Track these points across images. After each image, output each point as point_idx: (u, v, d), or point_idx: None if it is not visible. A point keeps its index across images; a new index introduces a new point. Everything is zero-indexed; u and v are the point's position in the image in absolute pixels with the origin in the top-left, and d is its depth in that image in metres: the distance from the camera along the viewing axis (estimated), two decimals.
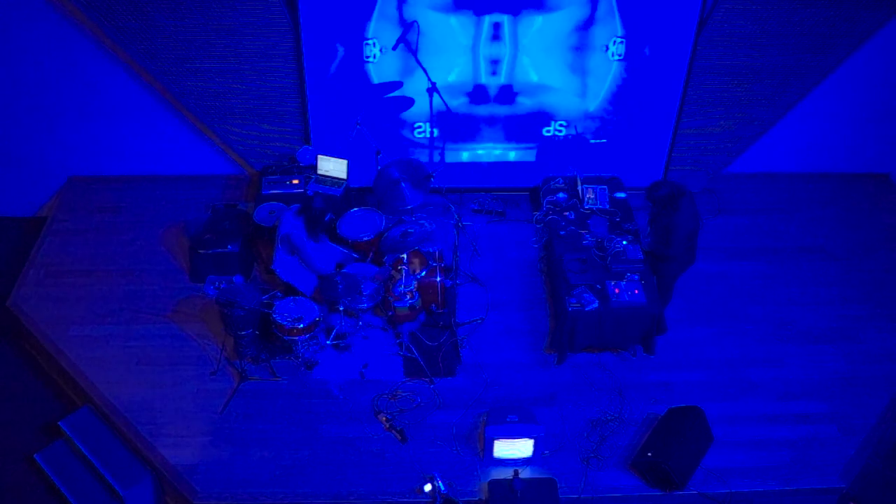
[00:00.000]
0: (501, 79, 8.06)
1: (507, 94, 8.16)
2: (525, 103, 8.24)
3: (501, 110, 8.28)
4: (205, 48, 7.74)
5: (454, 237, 7.50)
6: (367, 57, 7.86)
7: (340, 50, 7.83)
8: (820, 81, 8.24)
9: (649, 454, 6.28)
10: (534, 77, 8.05)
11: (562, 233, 7.73)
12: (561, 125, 8.38)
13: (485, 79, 8.04)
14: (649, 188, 6.88)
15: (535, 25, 7.71)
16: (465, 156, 8.58)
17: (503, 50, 7.85)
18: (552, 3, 7.61)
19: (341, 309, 6.94)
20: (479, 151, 8.56)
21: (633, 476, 6.40)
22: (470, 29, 7.71)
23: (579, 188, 8.18)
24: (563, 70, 8.02)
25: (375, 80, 8.00)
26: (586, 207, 8.02)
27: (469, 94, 8.13)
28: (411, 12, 7.58)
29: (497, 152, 8.59)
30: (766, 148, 8.91)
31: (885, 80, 8.50)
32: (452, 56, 7.86)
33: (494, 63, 7.95)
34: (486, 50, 7.85)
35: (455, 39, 7.76)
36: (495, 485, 6.22)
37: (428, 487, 6.14)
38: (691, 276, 7.39)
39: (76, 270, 7.97)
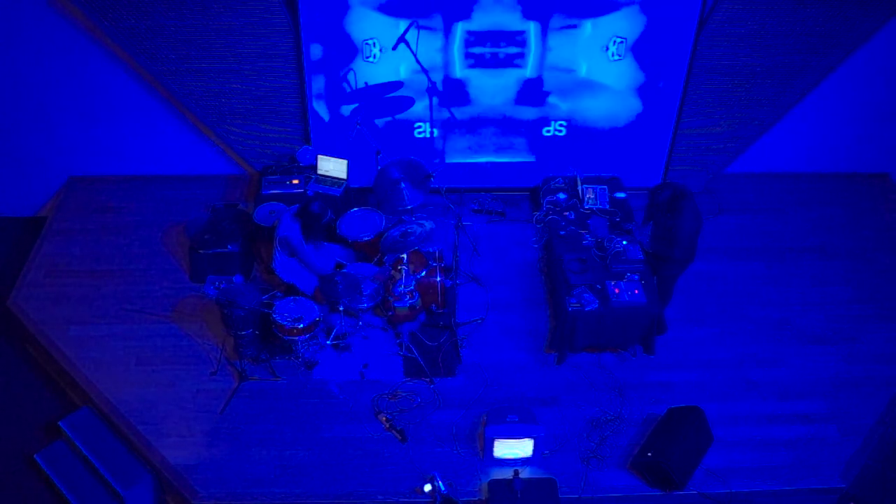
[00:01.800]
0: (528, 72, 7.95)
1: (535, 92, 8.10)
2: (560, 106, 8.19)
3: (529, 114, 8.24)
4: (205, 48, 7.74)
5: (454, 237, 7.49)
6: (367, 57, 7.86)
7: (340, 50, 7.84)
8: (820, 81, 8.24)
9: (649, 454, 6.28)
10: (582, 72, 7.94)
11: (562, 233, 7.73)
12: (561, 125, 8.38)
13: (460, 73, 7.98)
14: (652, 191, 6.87)
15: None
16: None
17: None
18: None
19: (341, 309, 6.94)
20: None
21: (633, 476, 6.40)
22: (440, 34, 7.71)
23: (579, 188, 8.18)
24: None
25: (372, 81, 8.01)
26: (586, 207, 8.02)
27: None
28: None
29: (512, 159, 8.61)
30: (766, 148, 8.91)
31: (886, 80, 8.50)
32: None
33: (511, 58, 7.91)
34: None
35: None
36: (495, 485, 6.22)
37: (428, 487, 6.14)
38: (691, 276, 7.39)
39: (76, 270, 7.97)
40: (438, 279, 7.26)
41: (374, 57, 7.86)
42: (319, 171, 8.22)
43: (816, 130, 8.89)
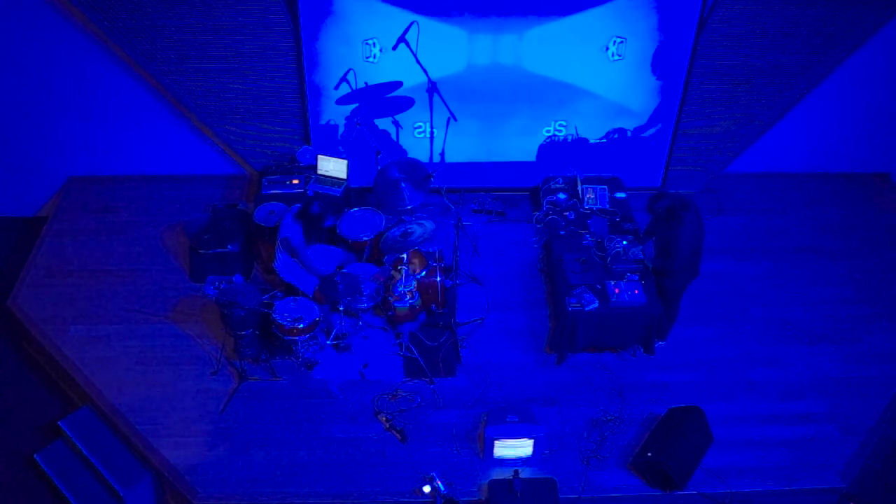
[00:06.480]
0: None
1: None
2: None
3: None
4: (205, 49, 7.73)
5: (454, 237, 7.49)
6: (367, 57, 7.86)
7: (341, 50, 7.84)
8: (820, 81, 8.24)
9: (649, 454, 6.28)
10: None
11: (562, 233, 7.73)
12: (561, 125, 8.38)
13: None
14: (650, 200, 6.85)
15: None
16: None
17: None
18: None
19: (341, 309, 6.94)
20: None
21: (633, 476, 6.41)
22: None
23: (579, 188, 8.18)
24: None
25: (375, 80, 8.01)
26: (586, 207, 8.02)
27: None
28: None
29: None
30: (766, 148, 8.91)
31: (886, 80, 8.50)
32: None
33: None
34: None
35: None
36: (495, 485, 6.22)
37: (427, 489, 6.13)
38: None
39: (76, 270, 7.97)
40: (438, 279, 7.26)
41: (374, 57, 7.86)
42: (319, 171, 8.22)
43: (816, 130, 8.89)
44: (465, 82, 8.02)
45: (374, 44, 7.79)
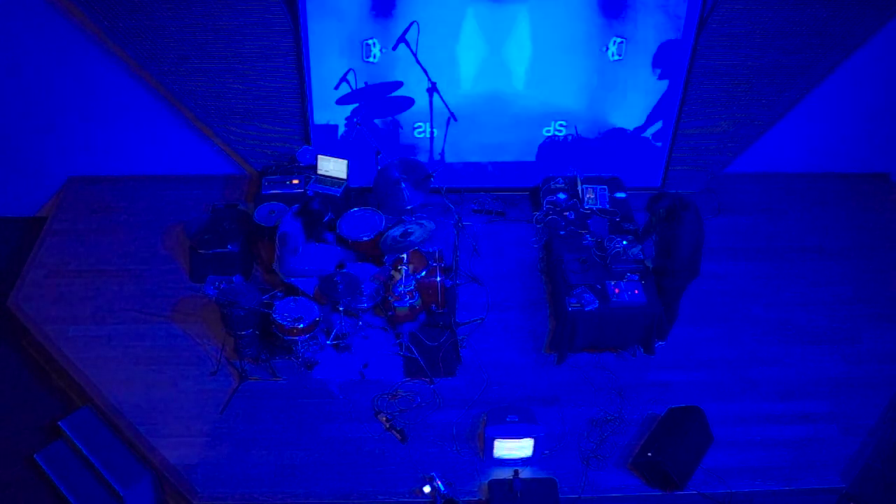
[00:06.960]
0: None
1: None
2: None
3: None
4: (205, 49, 7.73)
5: (454, 237, 7.50)
6: (367, 57, 7.86)
7: (341, 50, 7.84)
8: (820, 81, 8.24)
9: (649, 454, 6.28)
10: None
11: (562, 233, 7.73)
12: (561, 125, 8.38)
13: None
14: (650, 200, 6.84)
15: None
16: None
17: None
18: None
19: (341, 309, 6.94)
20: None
21: (633, 476, 6.41)
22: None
23: (579, 188, 8.18)
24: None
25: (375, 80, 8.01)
26: (586, 207, 8.02)
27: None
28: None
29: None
30: (766, 148, 8.90)
31: (886, 80, 8.50)
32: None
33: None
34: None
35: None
36: (495, 485, 6.22)
37: (427, 489, 6.13)
38: None
39: (76, 270, 7.97)
40: (438, 279, 7.26)
41: (374, 57, 7.86)
42: (319, 171, 8.22)
43: (816, 130, 8.88)
44: (464, 83, 8.02)
45: (374, 44, 7.79)
